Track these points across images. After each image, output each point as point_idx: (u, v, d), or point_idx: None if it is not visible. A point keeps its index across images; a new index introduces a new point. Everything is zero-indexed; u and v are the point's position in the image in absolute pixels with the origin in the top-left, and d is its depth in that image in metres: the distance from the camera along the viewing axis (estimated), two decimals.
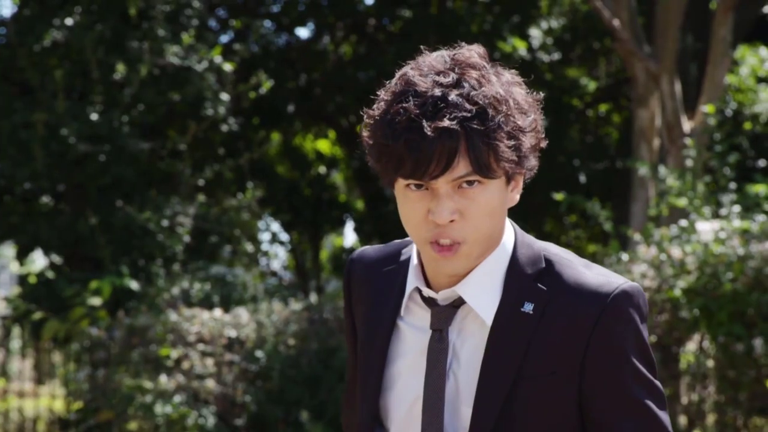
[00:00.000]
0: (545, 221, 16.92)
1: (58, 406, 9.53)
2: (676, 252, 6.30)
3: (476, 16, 15.11)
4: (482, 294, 1.96)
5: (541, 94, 1.97)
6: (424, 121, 1.82)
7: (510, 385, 1.91)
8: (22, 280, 10.96)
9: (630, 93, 13.46)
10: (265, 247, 14.59)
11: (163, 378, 7.68)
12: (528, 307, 1.94)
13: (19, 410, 9.72)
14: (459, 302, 1.97)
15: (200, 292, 8.90)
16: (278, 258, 16.83)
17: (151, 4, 10.28)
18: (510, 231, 2.01)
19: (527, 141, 1.90)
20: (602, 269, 1.99)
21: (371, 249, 2.15)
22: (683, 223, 6.72)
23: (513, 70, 1.96)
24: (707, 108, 9.01)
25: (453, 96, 1.85)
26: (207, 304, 8.79)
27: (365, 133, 1.92)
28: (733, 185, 7.38)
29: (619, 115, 16.65)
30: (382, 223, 16.37)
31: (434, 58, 1.91)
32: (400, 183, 1.89)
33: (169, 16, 10.41)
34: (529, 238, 2.02)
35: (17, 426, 9.57)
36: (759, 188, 7.07)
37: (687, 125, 10.12)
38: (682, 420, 6.45)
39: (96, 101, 10.00)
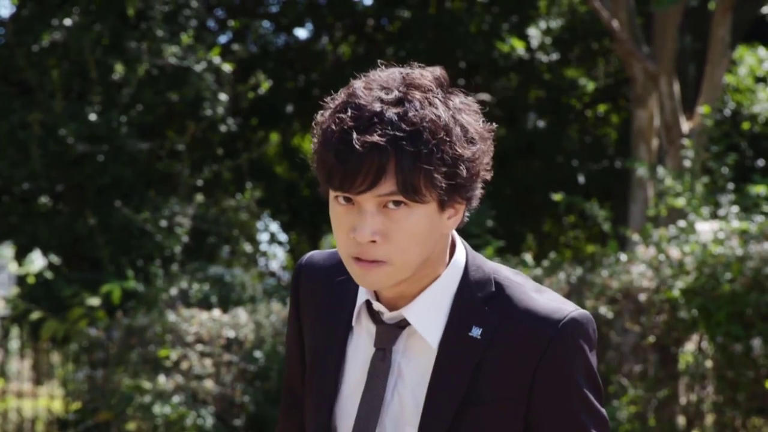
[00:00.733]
0: (544, 221, 16.92)
1: (57, 406, 9.53)
2: (674, 252, 6.31)
3: (475, 16, 15.11)
4: (428, 317, 1.93)
5: (494, 125, 1.92)
6: (354, 134, 1.80)
7: (455, 409, 1.89)
8: (20, 280, 10.96)
9: (629, 93, 13.46)
10: (263, 247, 14.56)
11: (161, 378, 7.68)
12: (476, 332, 1.91)
13: (17, 410, 9.72)
14: (405, 323, 1.95)
15: (199, 292, 8.90)
16: (277, 258, 16.79)
17: (149, 4, 10.28)
18: (461, 252, 1.98)
19: (464, 170, 1.84)
20: (554, 295, 1.96)
21: (320, 255, 2.11)
22: (681, 223, 6.72)
23: (470, 97, 1.91)
24: (703, 109, 9.01)
25: (390, 113, 1.81)
26: (205, 304, 8.79)
27: (313, 140, 1.91)
28: (731, 185, 7.38)
29: (618, 115, 16.65)
30: None
31: (387, 74, 1.89)
32: (331, 194, 1.88)
33: (167, 17, 10.41)
34: (481, 260, 1.99)
35: (16, 426, 9.57)
36: (759, 188, 7.07)
37: (686, 125, 10.12)
38: (681, 420, 6.46)
39: (94, 101, 10.01)
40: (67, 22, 10.02)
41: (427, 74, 1.88)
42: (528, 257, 7.47)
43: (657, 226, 7.72)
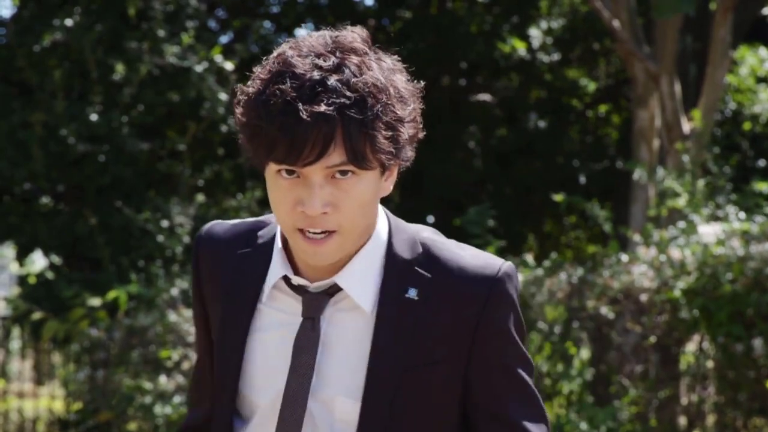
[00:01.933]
0: (545, 222, 16.92)
1: (58, 406, 9.53)
2: (675, 253, 6.30)
3: (476, 17, 15.11)
4: (360, 282, 1.90)
5: (422, 83, 1.89)
6: (300, 104, 1.75)
7: (401, 373, 1.87)
8: (21, 280, 10.96)
9: (629, 93, 13.46)
10: None
11: (162, 379, 7.68)
12: (412, 293, 1.89)
13: (18, 411, 9.71)
14: (333, 290, 1.91)
15: None
16: None
17: (150, 4, 10.28)
18: (383, 217, 1.95)
19: (405, 132, 1.83)
20: (474, 249, 1.95)
21: (221, 226, 2.04)
22: (682, 224, 6.72)
23: (395, 56, 1.87)
24: (699, 112, 9.04)
25: (332, 81, 1.77)
26: None
27: (238, 111, 1.84)
28: (729, 186, 7.37)
29: (619, 115, 16.65)
30: None
31: (315, 39, 1.83)
32: (272, 168, 1.82)
33: (168, 17, 10.41)
34: (402, 223, 1.97)
35: (17, 426, 9.57)
36: (763, 186, 7.07)
37: (687, 126, 10.12)
38: (682, 421, 6.45)
39: (95, 101, 10.01)
40: (68, 22, 10.02)
41: (357, 36, 1.85)
42: (529, 257, 7.46)
43: (658, 227, 7.71)
